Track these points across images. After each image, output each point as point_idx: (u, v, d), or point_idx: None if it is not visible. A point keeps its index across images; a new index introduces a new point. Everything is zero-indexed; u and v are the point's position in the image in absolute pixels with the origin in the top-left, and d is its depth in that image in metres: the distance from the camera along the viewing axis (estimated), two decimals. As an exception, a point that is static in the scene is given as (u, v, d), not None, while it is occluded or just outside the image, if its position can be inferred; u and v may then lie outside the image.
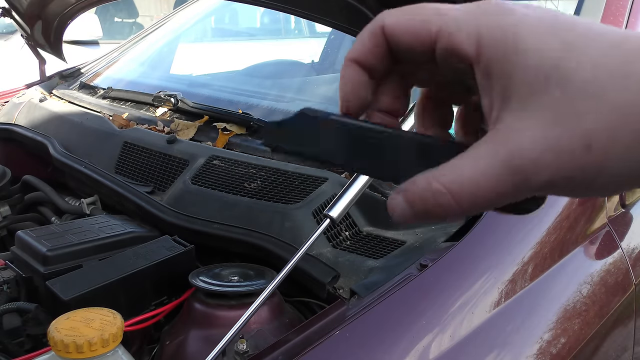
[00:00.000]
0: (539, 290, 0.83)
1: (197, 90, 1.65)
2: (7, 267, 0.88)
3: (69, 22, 1.68)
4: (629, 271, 1.00)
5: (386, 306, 0.70)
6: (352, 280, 0.79)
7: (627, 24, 1.15)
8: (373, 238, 0.90)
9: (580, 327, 0.86)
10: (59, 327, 0.61)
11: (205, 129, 1.28)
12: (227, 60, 2.31)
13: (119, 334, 0.62)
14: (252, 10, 3.24)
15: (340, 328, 0.66)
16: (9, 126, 1.50)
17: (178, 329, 0.81)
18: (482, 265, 0.79)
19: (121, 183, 1.12)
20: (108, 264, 0.86)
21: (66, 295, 0.77)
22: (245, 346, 0.70)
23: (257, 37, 3.39)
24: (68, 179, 1.33)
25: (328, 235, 0.89)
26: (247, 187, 1.01)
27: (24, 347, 0.82)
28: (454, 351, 0.69)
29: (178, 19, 2.05)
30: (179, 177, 1.11)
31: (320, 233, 0.67)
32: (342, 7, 0.91)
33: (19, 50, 4.21)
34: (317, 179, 0.99)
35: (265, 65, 2.04)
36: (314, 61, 2.08)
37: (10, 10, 1.65)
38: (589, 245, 0.96)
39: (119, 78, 1.77)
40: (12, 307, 0.81)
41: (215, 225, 0.94)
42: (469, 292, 0.75)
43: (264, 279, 0.81)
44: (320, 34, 2.63)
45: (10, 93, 1.84)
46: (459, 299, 0.74)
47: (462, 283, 0.75)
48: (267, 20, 3.59)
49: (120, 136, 1.30)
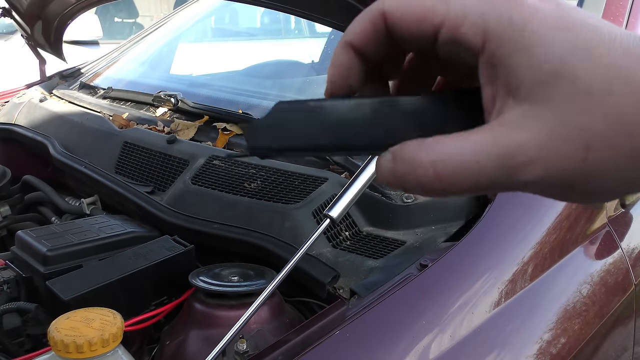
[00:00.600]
0: (539, 290, 0.83)
1: (197, 90, 1.65)
2: (7, 267, 0.88)
3: (69, 22, 1.68)
4: (629, 271, 1.00)
5: (386, 306, 0.70)
6: (352, 280, 0.79)
7: (627, 24, 1.15)
8: (373, 238, 0.90)
9: (580, 327, 0.86)
10: (59, 327, 0.61)
11: (206, 129, 1.28)
12: (227, 60, 2.31)
13: (119, 334, 0.62)
14: (252, 10, 3.24)
15: (340, 328, 0.66)
16: (9, 126, 1.50)
17: (178, 329, 0.81)
18: (482, 265, 0.79)
19: (121, 183, 1.13)
20: (108, 264, 0.86)
21: (66, 295, 0.77)
22: (245, 346, 0.70)
23: (257, 37, 3.39)
24: (68, 179, 1.33)
25: (328, 235, 0.89)
26: (247, 187, 1.01)
27: (24, 347, 0.82)
28: (454, 351, 0.69)
29: (178, 19, 2.05)
30: (179, 177, 1.11)
31: (320, 233, 0.67)
32: (342, 7, 0.91)
33: (19, 50, 4.21)
34: (317, 179, 0.99)
35: (265, 65, 2.04)
36: (314, 61, 2.08)
37: (10, 10, 1.65)
38: (589, 245, 0.96)
39: (119, 78, 1.77)
40: (12, 307, 0.81)
41: (215, 225, 0.94)
42: (469, 292, 0.75)
43: (264, 279, 0.81)
44: (320, 34, 2.63)
45: (11, 93, 1.84)
46: (459, 299, 0.74)
47: (462, 283, 0.75)
48: (267, 20, 3.59)
49: (120, 136, 1.30)
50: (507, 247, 0.82)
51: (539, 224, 0.88)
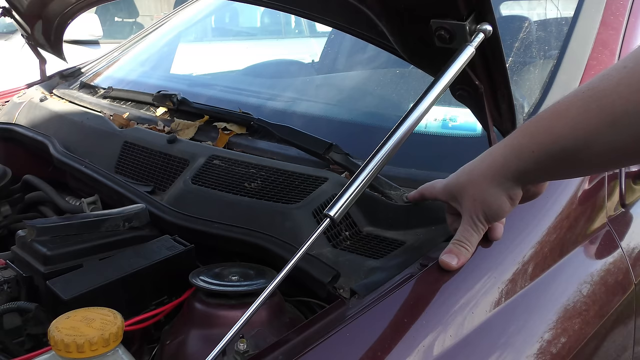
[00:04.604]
0: (539, 290, 0.83)
1: (198, 90, 1.65)
2: (7, 266, 0.88)
3: (69, 21, 1.68)
4: (629, 271, 1.00)
5: (386, 306, 0.70)
6: (352, 280, 0.79)
7: (627, 24, 1.15)
8: (373, 238, 0.90)
9: (581, 326, 0.86)
10: (60, 327, 0.61)
11: (206, 128, 1.28)
12: (228, 60, 2.31)
13: (120, 333, 0.62)
14: (252, 9, 3.24)
15: (340, 328, 0.66)
16: (10, 126, 1.50)
17: (178, 328, 0.81)
18: (483, 265, 0.79)
19: (121, 183, 1.13)
20: (108, 263, 0.86)
21: (66, 295, 0.77)
22: (245, 346, 0.70)
23: (258, 36, 3.39)
24: (68, 178, 1.33)
25: (328, 235, 0.89)
26: (247, 187, 1.02)
27: (24, 347, 0.82)
28: (454, 351, 0.69)
29: (178, 19, 2.05)
30: (179, 177, 1.11)
31: (320, 233, 0.67)
32: (342, 7, 0.91)
33: (20, 49, 4.21)
34: (317, 178, 0.99)
35: (265, 65, 2.04)
36: (314, 61, 2.08)
37: (10, 10, 1.65)
38: (589, 245, 0.96)
39: (119, 78, 1.77)
40: (13, 306, 0.81)
41: (216, 224, 0.94)
42: (469, 291, 0.75)
43: (264, 279, 0.81)
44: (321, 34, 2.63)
45: (11, 93, 1.84)
46: (460, 299, 0.74)
47: (462, 283, 0.75)
48: (268, 19, 3.59)
49: (121, 136, 1.30)
50: (507, 247, 0.83)
51: (539, 223, 0.88)
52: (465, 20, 0.73)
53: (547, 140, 0.69)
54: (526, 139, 0.72)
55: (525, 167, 0.72)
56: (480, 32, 0.73)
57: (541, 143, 0.70)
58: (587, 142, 0.66)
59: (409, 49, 0.88)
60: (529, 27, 1.35)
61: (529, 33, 1.32)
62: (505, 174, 0.73)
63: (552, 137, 0.69)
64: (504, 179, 0.73)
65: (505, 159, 0.73)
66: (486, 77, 0.82)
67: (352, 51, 1.77)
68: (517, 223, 0.85)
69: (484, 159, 0.76)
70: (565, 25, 1.20)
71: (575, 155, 0.68)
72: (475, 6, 0.73)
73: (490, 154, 0.76)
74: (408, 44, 0.87)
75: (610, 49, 1.11)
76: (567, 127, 0.67)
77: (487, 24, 0.74)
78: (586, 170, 0.81)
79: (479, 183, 0.75)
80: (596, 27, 1.14)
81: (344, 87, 1.54)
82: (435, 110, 1.10)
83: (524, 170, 0.72)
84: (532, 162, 0.71)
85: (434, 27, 0.75)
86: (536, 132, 0.71)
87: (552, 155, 0.69)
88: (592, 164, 0.72)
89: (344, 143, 1.06)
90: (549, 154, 0.69)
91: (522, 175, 0.73)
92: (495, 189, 0.74)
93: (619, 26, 1.15)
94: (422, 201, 0.88)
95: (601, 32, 1.13)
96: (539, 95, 1.08)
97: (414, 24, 0.79)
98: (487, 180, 0.74)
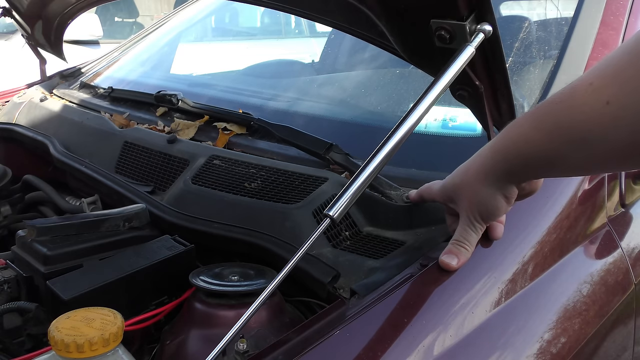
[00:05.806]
0: (539, 290, 0.83)
1: (198, 90, 1.65)
2: (7, 266, 0.88)
3: (69, 21, 1.68)
4: (629, 271, 1.00)
5: (386, 306, 0.70)
6: (352, 280, 0.79)
7: (627, 24, 1.15)
8: (373, 238, 0.91)
9: (581, 326, 0.86)
10: (60, 327, 0.61)
11: (206, 128, 1.28)
12: (228, 60, 2.31)
13: (120, 333, 0.62)
14: (252, 10, 3.24)
15: (340, 328, 0.66)
16: (10, 126, 1.50)
17: (178, 328, 0.81)
18: (483, 265, 0.79)
19: (121, 183, 1.13)
20: (108, 263, 0.86)
21: (66, 295, 0.77)
22: (245, 346, 0.70)
23: (258, 36, 3.39)
24: (69, 178, 1.33)
25: (328, 235, 0.89)
26: (247, 187, 1.02)
27: (24, 347, 0.82)
28: (454, 351, 0.69)
29: (178, 19, 2.05)
30: (179, 177, 1.11)
31: (320, 233, 0.67)
32: (342, 7, 0.91)
33: (20, 50, 4.21)
34: (317, 178, 0.99)
35: (265, 65, 2.04)
36: (314, 61, 2.08)
37: (10, 10, 1.65)
38: (589, 245, 0.96)
39: (119, 78, 1.77)
40: (13, 306, 0.81)
41: (216, 224, 0.94)
42: (469, 292, 0.75)
43: (264, 279, 0.81)
44: (321, 34, 2.63)
45: (11, 93, 1.84)
46: (460, 299, 0.74)
47: (462, 283, 0.75)
48: (268, 20, 3.59)
49: (121, 136, 1.30)
50: (507, 247, 0.83)
51: (539, 223, 0.88)
52: (465, 21, 0.73)
53: (526, 149, 0.71)
54: (508, 143, 0.73)
55: (513, 169, 0.74)
56: (480, 32, 0.74)
57: (520, 149, 0.72)
58: (562, 154, 0.68)
59: (409, 49, 0.88)
60: (529, 27, 1.35)
61: (529, 33, 1.32)
62: (496, 174, 0.74)
63: (529, 145, 0.70)
64: (496, 179, 0.75)
65: (493, 161, 0.75)
66: (486, 77, 0.82)
67: (352, 51, 1.76)
68: (517, 223, 0.85)
69: (475, 159, 0.78)
70: (565, 25, 1.20)
71: (552, 163, 0.70)
72: (475, 6, 0.73)
73: (480, 155, 0.77)
74: (408, 44, 0.87)
75: (610, 49, 1.11)
76: (543, 139, 0.69)
77: (487, 24, 0.74)
78: (570, 174, 0.87)
79: (473, 184, 0.76)
80: (596, 27, 1.14)
81: (344, 87, 1.54)
82: (435, 110, 1.10)
83: (513, 171, 0.74)
84: (518, 164, 0.73)
85: (434, 27, 0.75)
86: (517, 139, 0.72)
87: (533, 162, 0.72)
88: (571, 172, 0.79)
89: (344, 143, 1.06)
90: (530, 161, 0.72)
91: (512, 175, 0.75)
92: (489, 189, 0.75)
93: (619, 26, 1.15)
94: (421, 203, 0.88)
95: (601, 32, 1.13)
96: (539, 95, 1.08)
97: (414, 24, 0.79)
98: (480, 180, 0.76)
